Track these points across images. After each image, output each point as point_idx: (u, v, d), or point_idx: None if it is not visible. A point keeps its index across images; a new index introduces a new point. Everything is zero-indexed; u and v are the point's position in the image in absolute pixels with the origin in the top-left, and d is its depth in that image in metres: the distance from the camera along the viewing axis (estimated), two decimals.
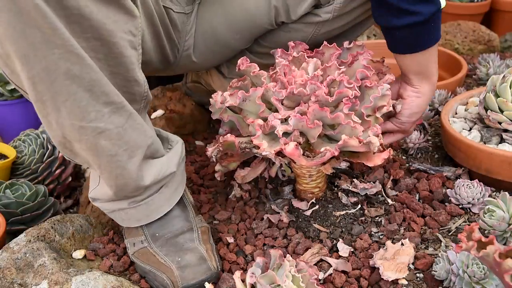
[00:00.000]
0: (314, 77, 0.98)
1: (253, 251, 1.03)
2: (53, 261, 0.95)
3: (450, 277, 0.90)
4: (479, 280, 0.86)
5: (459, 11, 2.32)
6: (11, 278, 0.93)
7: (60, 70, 0.75)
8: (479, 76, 1.73)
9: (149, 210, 1.00)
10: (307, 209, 1.12)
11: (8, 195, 1.17)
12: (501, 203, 0.99)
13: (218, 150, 1.05)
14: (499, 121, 1.16)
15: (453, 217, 1.10)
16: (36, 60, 0.74)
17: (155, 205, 1.00)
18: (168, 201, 1.02)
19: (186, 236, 1.00)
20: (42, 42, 0.72)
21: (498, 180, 1.14)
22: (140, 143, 0.91)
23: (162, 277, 0.94)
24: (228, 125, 1.10)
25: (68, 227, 1.06)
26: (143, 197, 0.98)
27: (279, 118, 0.96)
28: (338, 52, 1.04)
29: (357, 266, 0.98)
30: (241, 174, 1.14)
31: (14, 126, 1.47)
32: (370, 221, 1.09)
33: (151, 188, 0.98)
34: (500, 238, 0.99)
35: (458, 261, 0.89)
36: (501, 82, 1.18)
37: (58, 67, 0.75)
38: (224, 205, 1.18)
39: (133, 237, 1.02)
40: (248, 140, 1.02)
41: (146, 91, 0.92)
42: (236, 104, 1.01)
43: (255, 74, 1.02)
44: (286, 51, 1.06)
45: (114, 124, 0.85)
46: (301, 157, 0.95)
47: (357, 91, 0.97)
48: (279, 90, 0.97)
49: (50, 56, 0.74)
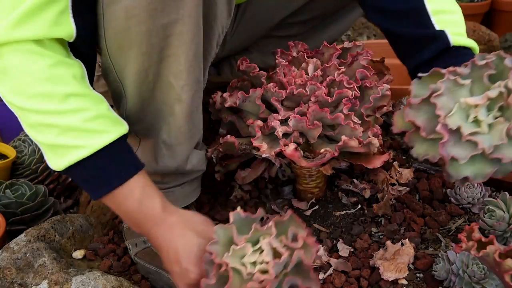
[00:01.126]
0: (313, 77, 0.98)
1: None
2: (53, 261, 0.95)
3: (450, 277, 0.90)
4: (479, 280, 0.87)
5: None
6: (11, 278, 0.93)
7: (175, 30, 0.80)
8: None
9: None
10: (307, 209, 1.12)
11: (8, 195, 1.17)
12: (501, 203, 0.99)
13: (217, 151, 1.05)
14: None
15: (453, 217, 1.10)
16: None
17: (173, 197, 1.00)
18: (185, 198, 1.04)
19: None
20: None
21: (498, 180, 1.14)
22: (199, 130, 0.94)
23: (168, 276, 0.94)
24: (228, 126, 1.10)
25: (68, 227, 1.06)
26: (168, 186, 1.00)
27: (278, 119, 0.96)
28: (338, 52, 1.03)
29: (357, 266, 0.98)
30: (242, 175, 1.14)
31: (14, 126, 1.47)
32: (370, 221, 1.09)
33: (178, 178, 1.00)
34: (500, 238, 0.99)
35: (458, 261, 0.89)
36: None
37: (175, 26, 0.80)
38: (224, 206, 1.18)
39: (135, 237, 1.02)
40: (248, 141, 1.02)
41: (204, 84, 0.96)
42: (235, 104, 1.01)
43: (255, 75, 1.02)
44: (285, 51, 1.06)
45: (192, 101, 0.87)
46: (301, 158, 0.95)
47: (357, 91, 0.97)
48: (278, 90, 0.97)
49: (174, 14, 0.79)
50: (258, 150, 0.96)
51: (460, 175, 0.73)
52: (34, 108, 0.78)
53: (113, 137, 0.81)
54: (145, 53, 0.81)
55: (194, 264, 0.80)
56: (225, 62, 1.40)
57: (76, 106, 0.79)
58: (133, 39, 0.80)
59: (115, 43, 0.82)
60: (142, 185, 0.83)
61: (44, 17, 0.75)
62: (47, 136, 0.79)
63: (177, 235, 0.82)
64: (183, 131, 0.91)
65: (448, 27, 0.97)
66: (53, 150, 0.81)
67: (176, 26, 0.79)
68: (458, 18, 1.01)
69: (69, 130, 0.78)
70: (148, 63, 0.83)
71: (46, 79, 0.77)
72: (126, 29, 0.79)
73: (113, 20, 0.79)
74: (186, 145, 0.93)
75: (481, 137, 0.71)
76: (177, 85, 0.85)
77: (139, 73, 0.84)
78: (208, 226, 0.85)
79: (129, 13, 0.77)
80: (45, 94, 0.77)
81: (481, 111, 0.72)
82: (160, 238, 0.84)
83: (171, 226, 0.83)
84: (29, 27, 0.75)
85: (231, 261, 0.74)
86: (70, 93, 0.79)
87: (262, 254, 0.74)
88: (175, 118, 0.89)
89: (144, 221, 0.84)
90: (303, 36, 1.28)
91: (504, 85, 0.71)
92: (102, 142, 0.79)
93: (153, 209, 0.84)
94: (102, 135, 0.80)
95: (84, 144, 0.79)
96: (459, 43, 0.96)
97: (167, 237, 0.83)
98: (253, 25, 1.26)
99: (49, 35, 0.77)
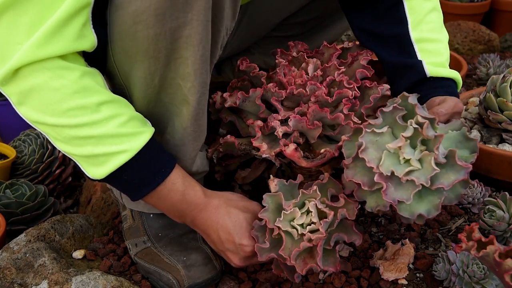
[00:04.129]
0: (313, 77, 0.98)
1: None
2: (53, 261, 0.95)
3: (450, 277, 0.90)
4: (479, 280, 0.87)
5: (459, 11, 2.32)
6: (11, 278, 0.93)
7: (183, 33, 0.79)
8: (479, 76, 1.73)
9: None
10: None
11: (8, 195, 1.17)
12: (501, 203, 0.99)
13: (217, 151, 1.05)
14: (499, 121, 1.16)
15: (453, 217, 1.10)
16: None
17: None
18: None
19: (189, 236, 1.00)
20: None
21: (498, 180, 1.14)
22: (204, 132, 0.94)
23: (168, 276, 0.94)
24: (227, 126, 1.10)
25: (68, 227, 1.06)
26: None
27: (278, 119, 0.96)
28: (338, 52, 1.03)
29: (357, 266, 0.98)
30: (242, 175, 1.14)
31: (14, 126, 1.48)
32: (370, 221, 1.09)
33: None
34: (500, 238, 0.99)
35: (458, 261, 0.89)
36: (501, 82, 1.18)
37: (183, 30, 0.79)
38: None
39: (135, 237, 1.02)
40: (248, 141, 1.02)
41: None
42: (235, 104, 1.01)
43: (255, 75, 1.02)
44: (285, 51, 1.06)
45: (198, 103, 0.87)
46: (301, 158, 0.95)
47: (357, 91, 0.97)
48: (278, 90, 0.97)
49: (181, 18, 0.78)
50: (258, 150, 0.96)
51: (413, 214, 0.76)
52: (68, 123, 0.78)
53: (149, 136, 0.83)
54: (152, 57, 0.81)
55: (248, 237, 0.86)
56: (226, 63, 1.40)
57: (110, 113, 0.79)
58: (140, 44, 0.79)
59: (120, 47, 0.81)
60: (181, 176, 0.87)
61: (68, 32, 0.74)
62: (85, 148, 0.80)
63: (224, 214, 0.87)
64: (189, 132, 0.91)
65: (429, 57, 0.99)
66: (91, 160, 0.81)
67: (184, 29, 0.78)
68: (441, 48, 1.01)
69: (107, 137, 0.79)
70: (154, 67, 0.82)
71: (76, 92, 0.77)
72: (133, 33, 0.78)
73: (119, 25, 0.78)
74: (191, 146, 0.94)
75: (416, 174, 0.75)
76: (185, 86, 0.85)
77: (145, 76, 0.84)
78: (248, 201, 0.92)
79: (136, 18, 0.76)
80: (78, 107, 0.77)
81: (406, 151, 0.76)
82: (208, 221, 0.88)
83: (216, 208, 0.88)
84: (55, 44, 0.74)
85: (283, 225, 0.82)
86: (101, 101, 0.79)
87: (309, 215, 0.83)
88: (182, 119, 0.89)
89: (189, 209, 0.89)
90: (304, 36, 1.28)
91: (415, 121, 0.77)
92: (140, 143, 0.81)
93: (195, 197, 0.88)
94: (139, 136, 0.81)
95: (125, 149, 0.80)
96: (436, 74, 0.97)
97: (214, 218, 0.88)
98: (254, 26, 1.26)
99: (75, 49, 0.77)
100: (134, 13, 0.76)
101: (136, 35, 0.78)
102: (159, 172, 0.85)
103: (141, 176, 0.84)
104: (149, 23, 0.76)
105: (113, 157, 0.80)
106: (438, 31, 1.02)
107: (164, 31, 0.77)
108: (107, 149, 0.79)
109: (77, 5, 0.73)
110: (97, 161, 0.81)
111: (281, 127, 0.94)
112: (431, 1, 1.03)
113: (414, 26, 1.00)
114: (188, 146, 0.93)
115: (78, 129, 0.78)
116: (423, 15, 1.01)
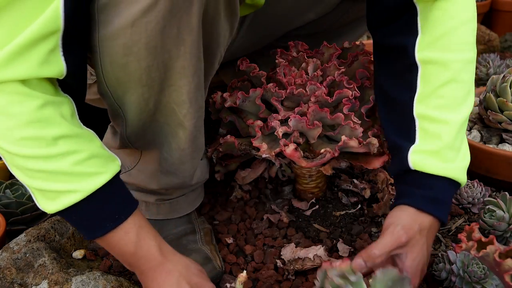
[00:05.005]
0: (313, 77, 0.98)
1: (253, 251, 1.03)
2: (53, 261, 0.95)
3: (450, 277, 0.90)
4: (479, 280, 0.87)
5: None
6: (11, 278, 0.93)
7: (175, 65, 0.76)
8: (479, 76, 1.73)
9: (170, 209, 1.02)
10: (307, 209, 1.12)
11: (8, 195, 1.17)
12: (501, 203, 0.99)
13: (217, 151, 1.05)
14: (499, 121, 1.16)
15: (453, 217, 1.10)
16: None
17: (178, 206, 1.01)
18: (190, 205, 1.04)
19: (189, 238, 1.00)
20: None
21: (498, 180, 1.14)
22: (202, 148, 0.92)
23: None
24: (227, 126, 1.10)
25: (68, 227, 1.06)
26: (171, 197, 1.00)
27: (278, 119, 0.96)
28: (338, 52, 1.03)
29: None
30: (242, 175, 1.14)
31: None
32: (370, 221, 1.09)
33: (183, 189, 1.00)
34: (500, 238, 0.99)
35: (458, 261, 0.89)
36: (501, 82, 1.18)
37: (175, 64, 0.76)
38: (224, 206, 1.18)
39: None
40: (248, 142, 1.02)
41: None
42: (235, 104, 1.01)
43: (255, 75, 1.02)
44: (285, 51, 1.06)
45: (195, 127, 0.85)
46: (301, 158, 0.95)
47: (357, 91, 0.97)
48: (279, 90, 0.97)
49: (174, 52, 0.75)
50: (258, 150, 0.96)
51: None
52: (19, 152, 0.72)
53: (107, 178, 0.77)
54: (145, 85, 0.78)
55: None
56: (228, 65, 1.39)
57: (66, 149, 0.74)
58: (132, 74, 0.76)
59: (112, 75, 0.78)
60: (137, 227, 0.80)
61: (32, 57, 0.68)
62: (35, 181, 0.75)
63: (172, 285, 0.81)
64: (187, 153, 0.89)
65: (425, 141, 0.83)
66: (42, 194, 0.76)
67: (177, 61, 0.75)
68: (445, 131, 0.82)
69: (59, 174, 0.74)
70: (148, 94, 0.79)
71: (33, 121, 0.71)
72: (125, 64, 0.75)
73: (111, 55, 0.75)
74: (189, 164, 0.92)
75: None
76: (180, 112, 0.82)
77: (139, 102, 0.81)
78: (203, 280, 0.85)
79: (127, 51, 0.73)
80: (32, 138, 0.72)
81: None
82: (155, 282, 0.82)
83: (168, 273, 0.82)
84: (16, 67, 0.68)
85: None
86: (60, 135, 0.73)
87: None
88: (179, 141, 0.87)
89: (139, 263, 0.82)
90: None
91: None
92: (95, 185, 0.75)
93: (148, 252, 0.82)
94: (95, 177, 0.76)
95: (76, 189, 0.74)
96: (421, 168, 0.82)
97: (161, 284, 0.81)
98: (258, 35, 1.23)
99: (38, 75, 0.71)
100: (125, 46, 0.72)
101: (127, 65, 0.75)
102: (112, 218, 0.79)
103: (91, 219, 0.78)
104: (141, 55, 0.73)
105: (63, 196, 0.75)
106: (448, 110, 0.83)
107: (156, 63, 0.75)
108: (58, 187, 0.74)
109: (45, 30, 0.68)
110: (48, 196, 0.76)
111: (281, 127, 0.94)
112: (451, 70, 0.83)
113: (421, 98, 0.84)
114: (187, 164, 0.91)
115: (29, 160, 0.73)
116: (436, 86, 0.83)
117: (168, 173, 0.94)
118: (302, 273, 0.97)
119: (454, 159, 0.82)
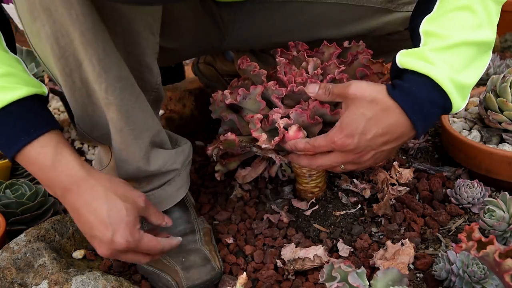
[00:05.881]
0: (314, 75, 0.98)
1: (253, 251, 1.03)
2: (53, 261, 0.95)
3: (450, 277, 0.90)
4: (479, 280, 0.86)
5: None
6: (11, 278, 0.93)
7: (75, 33, 0.75)
8: None
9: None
10: (307, 209, 1.12)
11: (8, 195, 1.17)
12: (501, 203, 0.99)
13: (218, 149, 1.05)
14: (499, 121, 1.16)
15: (453, 217, 1.10)
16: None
17: (156, 200, 0.99)
18: (169, 199, 1.01)
19: (188, 238, 1.00)
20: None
21: (498, 180, 1.14)
22: (147, 126, 0.89)
23: (167, 278, 0.93)
24: (228, 124, 1.10)
25: (68, 227, 1.06)
26: (146, 189, 0.97)
27: (279, 112, 0.96)
28: (338, 51, 1.04)
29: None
30: (242, 173, 1.14)
31: None
32: (370, 221, 1.09)
33: (153, 181, 0.97)
34: (500, 238, 0.99)
35: (458, 261, 0.89)
36: (501, 82, 1.18)
37: (74, 29, 0.74)
38: (224, 206, 1.18)
39: None
40: (248, 139, 1.02)
41: (158, 84, 0.92)
42: (236, 102, 1.01)
43: (255, 73, 1.02)
44: (286, 51, 1.06)
45: (121, 100, 0.82)
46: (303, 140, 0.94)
47: None
48: (279, 88, 0.97)
49: (67, 16, 0.73)
50: (257, 141, 0.96)
51: None
52: None
53: (22, 94, 0.77)
54: (62, 57, 0.77)
55: (122, 232, 0.77)
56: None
57: None
58: (45, 42, 0.77)
59: (37, 48, 0.80)
60: (54, 141, 0.79)
61: None
62: None
63: (100, 198, 0.78)
64: (126, 133, 0.86)
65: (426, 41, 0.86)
66: None
67: (73, 26, 0.74)
68: (444, 41, 0.83)
69: None
70: (68, 68, 0.79)
71: None
72: (37, 32, 0.76)
73: (26, 24, 0.77)
74: (136, 147, 0.89)
75: None
76: (100, 88, 0.80)
77: (65, 79, 0.81)
78: (130, 191, 0.83)
79: (31, 15, 0.74)
80: None
81: None
82: (80, 199, 0.78)
83: (92, 188, 0.78)
84: None
85: None
86: None
87: None
88: (113, 122, 0.85)
89: (60, 178, 0.79)
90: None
91: None
92: (7, 99, 0.76)
93: (68, 165, 0.79)
94: (9, 91, 0.77)
95: None
96: (404, 64, 0.84)
97: (88, 199, 0.78)
98: (271, 24, 1.21)
99: None
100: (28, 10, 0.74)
101: (39, 33, 0.76)
102: (27, 132, 0.78)
103: (7, 133, 0.78)
104: (43, 19, 0.74)
105: None
106: (453, 29, 0.83)
107: (57, 30, 0.75)
108: None
109: None
110: None
111: (282, 120, 0.94)
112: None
113: (430, 18, 0.86)
114: (132, 147, 0.89)
115: None
116: (448, 9, 0.84)
117: (122, 162, 0.92)
118: (302, 273, 0.97)
119: (441, 65, 0.81)
